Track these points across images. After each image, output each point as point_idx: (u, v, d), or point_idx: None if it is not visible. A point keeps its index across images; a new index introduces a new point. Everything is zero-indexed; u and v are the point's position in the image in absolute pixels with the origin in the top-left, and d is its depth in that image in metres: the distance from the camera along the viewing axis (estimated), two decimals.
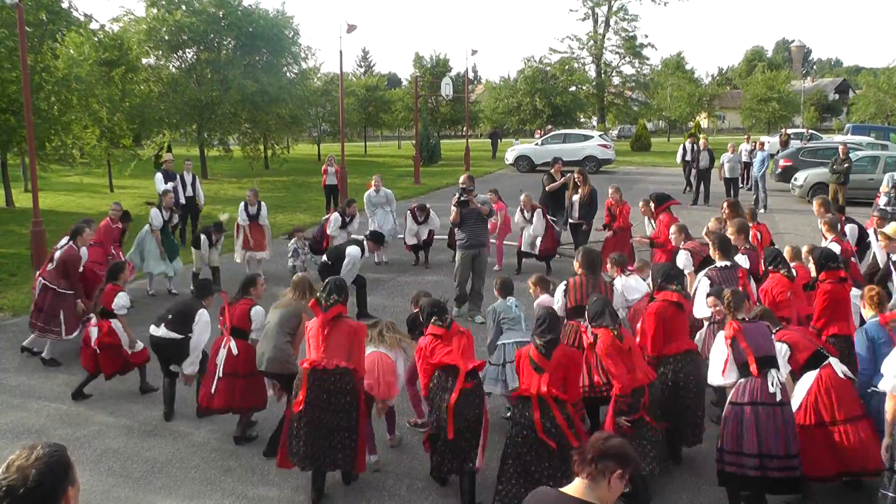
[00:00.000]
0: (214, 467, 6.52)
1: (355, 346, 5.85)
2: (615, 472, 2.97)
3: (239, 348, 6.81)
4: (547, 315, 5.68)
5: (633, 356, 5.86)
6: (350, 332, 5.87)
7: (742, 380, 5.42)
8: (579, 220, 13.37)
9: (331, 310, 5.85)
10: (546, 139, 35.54)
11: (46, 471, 2.44)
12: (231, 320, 6.92)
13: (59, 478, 2.47)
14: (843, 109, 76.93)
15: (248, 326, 6.90)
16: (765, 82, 59.19)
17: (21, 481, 2.40)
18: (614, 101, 59.09)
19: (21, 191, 24.74)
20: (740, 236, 8.23)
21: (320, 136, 44.50)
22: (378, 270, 13.66)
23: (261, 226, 13.07)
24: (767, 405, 5.28)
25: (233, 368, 6.78)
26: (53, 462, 2.47)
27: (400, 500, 5.96)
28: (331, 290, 5.94)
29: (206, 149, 31.63)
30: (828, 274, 6.76)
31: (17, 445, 6.73)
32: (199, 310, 7.26)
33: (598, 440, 3.06)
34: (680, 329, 6.40)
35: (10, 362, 9.18)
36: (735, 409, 5.39)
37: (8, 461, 2.48)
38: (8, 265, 14.13)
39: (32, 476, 2.41)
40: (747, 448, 5.28)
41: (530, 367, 5.47)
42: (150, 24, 29.00)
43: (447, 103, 48.21)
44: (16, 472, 2.43)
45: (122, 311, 8.05)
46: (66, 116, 20.58)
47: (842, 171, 19.06)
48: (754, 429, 5.25)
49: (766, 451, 5.24)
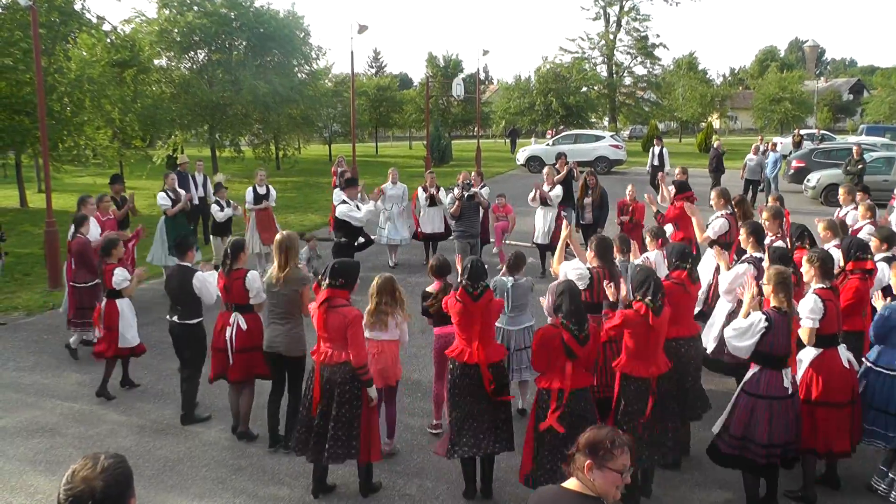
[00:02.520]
0: (225, 466, 6.54)
1: (351, 336, 5.65)
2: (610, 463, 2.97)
3: (248, 322, 6.77)
4: (567, 289, 5.35)
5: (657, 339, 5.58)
6: (343, 322, 5.64)
7: (756, 369, 5.42)
8: (592, 223, 13.40)
9: (324, 291, 5.70)
10: (557, 139, 35.51)
11: (113, 483, 2.45)
12: (231, 297, 6.80)
13: (123, 490, 2.49)
14: (857, 110, 76.41)
15: (246, 297, 6.77)
16: (777, 82, 58.80)
17: (88, 493, 2.42)
18: (626, 101, 58.89)
19: (35, 191, 24.93)
20: (775, 222, 8.07)
21: (331, 137, 44.59)
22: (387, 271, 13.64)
23: (269, 212, 13.18)
24: (781, 399, 5.34)
25: (244, 343, 6.74)
26: (119, 474, 2.49)
27: (410, 499, 5.96)
28: (331, 273, 5.74)
29: (218, 150, 31.75)
30: (856, 264, 6.61)
31: (31, 443, 6.87)
32: (191, 278, 7.09)
33: (590, 432, 3.07)
34: (684, 312, 6.24)
35: (24, 361, 9.26)
36: (748, 399, 5.41)
37: (72, 470, 2.49)
38: (22, 265, 14.24)
39: (100, 488, 2.42)
40: (758, 438, 5.34)
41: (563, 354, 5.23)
42: (161, 26, 29.17)
43: (459, 103, 48.21)
44: (81, 482, 2.44)
45: (123, 285, 7.94)
46: (78, 117, 20.75)
47: (856, 171, 18.95)
48: (767, 422, 5.31)
49: (776, 441, 5.34)
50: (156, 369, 8.69)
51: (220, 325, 6.89)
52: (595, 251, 6.70)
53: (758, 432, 5.33)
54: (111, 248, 8.09)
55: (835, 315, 5.71)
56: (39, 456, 6.74)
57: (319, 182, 28.85)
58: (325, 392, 5.70)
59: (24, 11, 17.69)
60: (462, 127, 56.17)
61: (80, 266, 9.23)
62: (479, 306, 5.73)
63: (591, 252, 6.78)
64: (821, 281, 5.83)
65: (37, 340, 9.94)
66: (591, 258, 6.78)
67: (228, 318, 6.83)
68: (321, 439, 5.72)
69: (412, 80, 75.42)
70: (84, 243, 9.26)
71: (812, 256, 5.94)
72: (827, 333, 5.67)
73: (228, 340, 6.77)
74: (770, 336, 5.31)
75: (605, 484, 2.98)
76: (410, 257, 14.78)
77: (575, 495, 3.00)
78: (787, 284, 5.45)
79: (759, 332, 5.32)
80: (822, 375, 5.62)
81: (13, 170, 23.00)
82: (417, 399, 7.82)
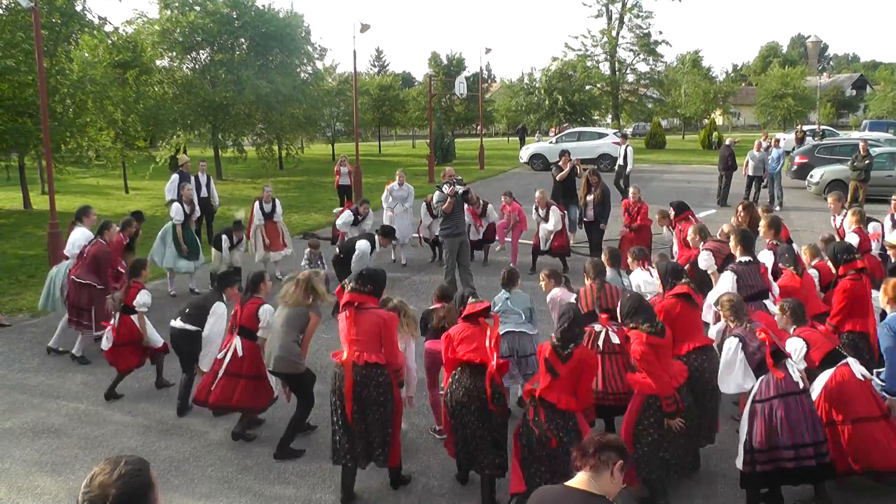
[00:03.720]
0: (231, 466, 6.54)
1: (385, 338, 5.70)
2: (616, 463, 3.06)
3: (244, 349, 6.80)
4: (570, 311, 5.43)
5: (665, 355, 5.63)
6: (379, 322, 5.69)
7: (762, 377, 5.36)
8: (594, 220, 13.40)
9: (348, 294, 5.74)
10: (560, 137, 35.45)
11: (127, 490, 2.45)
12: (240, 320, 6.90)
13: (139, 499, 2.48)
14: (860, 105, 76.27)
15: (255, 326, 6.86)
16: (780, 78, 58.71)
17: (101, 499, 2.41)
18: (629, 98, 58.81)
19: (38, 193, 24.98)
20: (770, 231, 8.05)
21: (334, 136, 44.60)
22: (394, 269, 13.65)
23: (276, 224, 13.12)
24: (795, 394, 5.23)
25: (236, 369, 6.77)
26: (136, 482, 2.48)
27: (416, 498, 5.96)
28: (358, 279, 5.83)
29: (221, 150, 31.76)
30: (846, 267, 6.66)
31: (37, 444, 6.88)
32: (216, 302, 7.25)
33: (597, 435, 3.14)
34: (692, 326, 6.15)
35: (29, 362, 9.27)
36: (762, 406, 5.26)
37: (92, 473, 2.50)
38: (26, 267, 14.26)
39: (113, 496, 2.42)
40: (784, 441, 5.18)
41: (543, 368, 5.30)
42: (163, 26, 29.13)
43: (461, 102, 48.17)
44: (98, 488, 2.44)
45: (142, 309, 8.09)
46: (81, 119, 20.77)
47: (863, 167, 18.92)
48: (787, 421, 5.17)
49: (800, 440, 5.17)
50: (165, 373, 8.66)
51: (221, 348, 6.97)
52: (589, 272, 7.05)
53: (783, 434, 5.17)
54: (140, 269, 8.35)
55: (822, 339, 5.76)
56: (45, 457, 6.74)
57: (322, 181, 28.86)
58: (356, 396, 5.67)
59: (25, 13, 17.72)
60: (465, 125, 56.16)
61: (89, 269, 9.24)
62: (483, 326, 5.69)
63: (585, 273, 7.12)
64: (794, 325, 5.88)
65: (42, 342, 9.93)
66: (585, 277, 7.11)
67: (231, 341, 6.90)
68: (367, 444, 5.74)
69: (415, 79, 75.45)
70: (104, 250, 9.33)
71: (783, 306, 6.00)
72: (824, 354, 5.66)
73: (223, 361, 6.82)
74: (749, 348, 5.32)
75: (618, 485, 3.04)
76: (417, 256, 14.77)
77: (583, 494, 3.00)
78: (738, 309, 5.60)
79: (738, 353, 5.35)
80: (837, 394, 5.52)
81: (16, 172, 23.05)
82: (422, 397, 7.79)
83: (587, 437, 3.16)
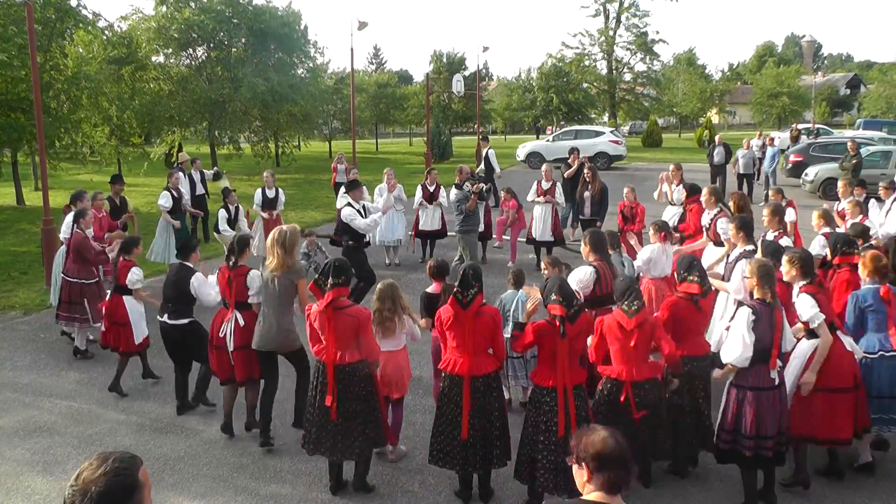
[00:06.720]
0: (226, 464, 6.48)
1: (362, 334, 5.68)
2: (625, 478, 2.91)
3: (245, 319, 6.72)
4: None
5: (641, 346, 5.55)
6: (353, 322, 5.64)
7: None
8: (591, 217, 13.31)
9: (330, 293, 5.63)
10: (557, 135, 35.46)
11: (110, 489, 2.39)
12: (233, 294, 6.75)
13: (122, 498, 2.41)
14: (854, 104, 76.37)
15: (246, 295, 6.76)
16: (775, 77, 58.84)
17: (81, 494, 2.37)
18: (625, 97, 58.86)
19: (31, 189, 24.83)
20: (774, 218, 7.92)
21: (331, 134, 44.48)
22: (387, 269, 13.56)
23: (277, 218, 12.72)
24: (768, 390, 5.34)
25: (244, 340, 6.69)
26: (119, 480, 2.41)
27: (412, 496, 5.91)
28: (329, 273, 5.68)
29: (217, 147, 31.63)
30: (842, 258, 6.62)
31: (28, 443, 6.81)
32: (190, 278, 7.13)
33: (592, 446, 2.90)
34: (694, 329, 6.03)
35: (21, 360, 9.19)
36: (738, 392, 5.41)
37: (80, 468, 2.45)
38: (19, 264, 14.17)
39: (93, 493, 2.37)
40: (746, 430, 5.33)
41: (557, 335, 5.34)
42: (159, 22, 28.94)
43: (459, 100, 48.13)
44: (81, 483, 2.39)
45: (136, 286, 8.01)
46: (75, 115, 20.62)
47: (850, 167, 18.98)
48: (753, 413, 5.30)
49: (764, 433, 5.32)
50: (154, 368, 8.56)
51: (218, 323, 6.85)
52: (591, 246, 6.94)
53: (744, 424, 5.35)
54: (132, 246, 8.19)
55: (826, 305, 5.78)
56: (37, 456, 6.67)
57: (320, 179, 28.77)
58: (340, 394, 5.64)
59: (18, 7, 17.58)
60: (462, 123, 56.13)
61: (76, 261, 9.18)
62: (468, 314, 5.50)
63: (586, 247, 6.99)
64: (802, 279, 5.83)
65: (34, 339, 9.86)
66: (586, 253, 7.00)
67: (226, 315, 6.79)
68: (347, 438, 5.70)
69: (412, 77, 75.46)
70: (83, 238, 9.23)
71: (793, 256, 5.93)
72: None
73: (227, 337, 6.73)
74: (759, 328, 5.27)
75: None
76: (408, 255, 14.69)
77: None
78: (770, 276, 5.44)
79: (750, 325, 5.26)
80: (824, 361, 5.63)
81: (9, 167, 22.88)
82: (419, 396, 7.76)
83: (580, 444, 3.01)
